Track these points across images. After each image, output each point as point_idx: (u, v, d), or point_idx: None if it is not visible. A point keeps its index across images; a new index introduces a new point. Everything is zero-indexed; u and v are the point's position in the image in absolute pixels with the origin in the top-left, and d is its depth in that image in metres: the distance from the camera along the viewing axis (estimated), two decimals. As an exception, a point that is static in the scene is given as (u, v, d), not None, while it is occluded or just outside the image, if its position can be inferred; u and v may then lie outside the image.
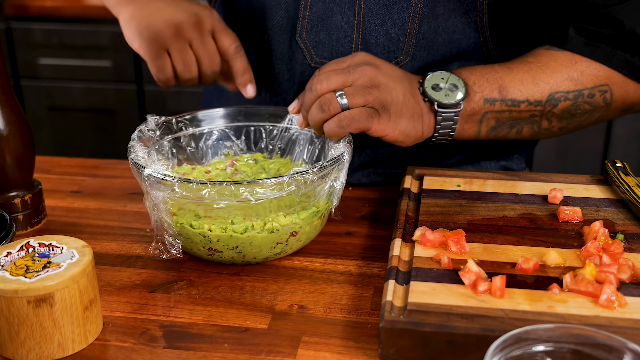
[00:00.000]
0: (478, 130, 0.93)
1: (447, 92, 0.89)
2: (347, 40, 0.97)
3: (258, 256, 0.81)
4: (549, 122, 0.95)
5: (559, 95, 0.92)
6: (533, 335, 0.56)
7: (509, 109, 0.92)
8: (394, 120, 0.86)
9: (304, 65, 1.00)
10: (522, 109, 0.92)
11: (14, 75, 2.38)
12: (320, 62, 0.99)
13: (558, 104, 0.93)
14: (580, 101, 0.93)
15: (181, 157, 0.94)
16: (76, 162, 1.11)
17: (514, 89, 0.91)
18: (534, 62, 0.93)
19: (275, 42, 1.01)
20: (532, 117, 0.93)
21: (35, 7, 2.27)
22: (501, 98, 0.91)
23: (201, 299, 0.77)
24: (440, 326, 0.64)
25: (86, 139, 2.44)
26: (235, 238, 0.79)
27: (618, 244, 0.76)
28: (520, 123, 0.94)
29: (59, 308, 0.66)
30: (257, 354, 0.68)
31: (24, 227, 0.91)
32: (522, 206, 0.87)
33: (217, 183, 0.75)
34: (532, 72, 0.92)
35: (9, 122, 0.87)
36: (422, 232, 0.79)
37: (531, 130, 0.95)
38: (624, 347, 0.55)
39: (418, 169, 0.96)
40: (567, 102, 0.93)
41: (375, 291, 0.78)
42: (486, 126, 0.93)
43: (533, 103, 0.92)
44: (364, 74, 0.85)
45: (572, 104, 0.93)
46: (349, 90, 0.84)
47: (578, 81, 0.92)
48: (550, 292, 0.69)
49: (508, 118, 0.93)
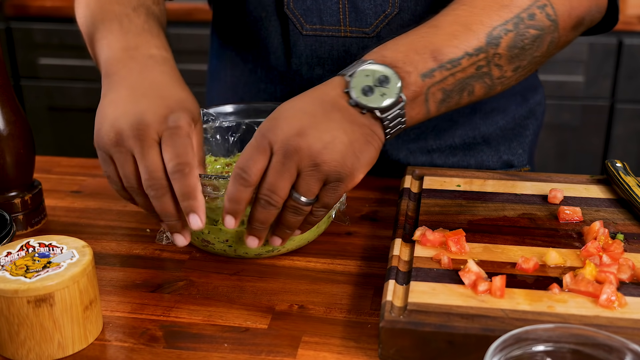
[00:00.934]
0: (427, 109, 0.80)
1: (380, 90, 0.75)
2: (334, 1, 0.98)
3: (249, 251, 0.82)
4: (499, 68, 0.82)
5: (497, 32, 0.80)
6: (533, 335, 0.56)
7: (451, 72, 0.79)
8: (356, 169, 0.74)
9: (295, 35, 1.02)
10: (465, 66, 0.79)
11: (14, 75, 2.38)
12: (312, 29, 1.00)
13: (500, 42, 0.80)
14: (522, 28, 0.81)
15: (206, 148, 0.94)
16: (76, 162, 1.11)
17: (448, 47, 0.78)
18: (459, 7, 0.82)
19: (264, 18, 1.03)
20: (479, 69, 0.81)
21: (35, 7, 2.27)
22: (438, 65, 0.78)
23: (201, 299, 0.77)
24: (440, 326, 0.64)
25: (86, 139, 2.42)
26: (224, 231, 0.80)
27: (618, 244, 0.76)
28: (469, 82, 0.81)
29: (59, 308, 0.66)
30: (257, 354, 0.68)
31: (24, 227, 0.91)
32: (522, 206, 0.87)
33: (204, 177, 0.75)
34: (460, 19, 0.80)
35: (9, 122, 0.87)
36: (422, 232, 0.79)
37: (484, 86, 0.83)
38: (624, 347, 0.55)
39: (418, 168, 0.96)
40: (510, 34, 0.81)
41: (375, 291, 0.78)
42: (434, 102, 0.80)
43: (474, 53, 0.79)
44: (302, 157, 0.71)
45: (515, 34, 0.81)
46: (300, 187, 0.73)
47: (512, 5, 0.81)
48: (550, 292, 0.69)
49: (453, 83, 0.79)
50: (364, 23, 0.99)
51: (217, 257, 0.84)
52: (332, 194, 0.74)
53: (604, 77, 2.17)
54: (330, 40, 1.01)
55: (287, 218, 0.74)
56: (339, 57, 1.02)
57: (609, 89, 2.18)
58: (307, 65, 1.04)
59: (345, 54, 1.01)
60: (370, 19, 0.99)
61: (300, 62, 1.04)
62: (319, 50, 1.02)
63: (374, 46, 0.86)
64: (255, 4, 1.03)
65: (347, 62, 1.00)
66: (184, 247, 0.86)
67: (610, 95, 2.20)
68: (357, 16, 0.99)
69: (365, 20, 0.99)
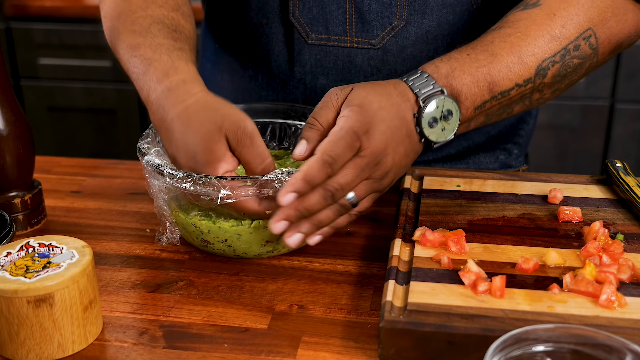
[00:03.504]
0: (467, 128, 0.88)
1: (442, 124, 0.81)
2: (341, 12, 0.98)
3: (249, 252, 0.82)
4: (540, 93, 0.88)
5: (546, 64, 0.85)
6: (533, 335, 0.56)
7: (499, 101, 0.85)
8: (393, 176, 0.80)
9: (300, 44, 1.01)
10: (513, 95, 0.86)
11: (14, 75, 2.38)
12: (317, 38, 1.00)
13: (547, 73, 0.86)
14: (567, 59, 0.86)
15: None
16: (76, 162, 1.11)
17: (503, 80, 0.84)
18: (514, 33, 0.85)
19: (269, 25, 1.02)
20: (523, 96, 0.87)
21: (35, 7, 2.27)
22: (491, 97, 0.84)
23: (201, 299, 0.77)
24: (440, 326, 0.64)
25: (86, 139, 2.44)
26: (223, 230, 0.79)
27: (618, 244, 0.76)
28: (511, 106, 0.88)
29: (59, 308, 0.66)
30: (257, 354, 0.68)
31: (24, 227, 0.91)
32: (522, 206, 0.87)
33: (203, 177, 0.75)
34: (515, 48, 0.84)
35: (9, 122, 0.87)
36: (422, 232, 0.79)
37: (522, 106, 0.89)
38: (624, 348, 0.55)
39: (418, 168, 0.96)
40: (556, 65, 0.86)
41: (375, 291, 0.78)
42: (475, 124, 0.88)
43: (522, 84, 0.85)
44: (377, 170, 0.77)
45: (560, 65, 0.86)
46: (359, 189, 0.77)
47: (562, 37, 0.85)
48: (550, 292, 0.69)
49: (498, 109, 0.87)
50: (370, 34, 0.98)
51: (217, 257, 0.84)
52: (369, 202, 0.79)
53: (604, 77, 2.17)
54: (336, 50, 1.00)
55: (329, 215, 0.76)
56: (344, 67, 1.01)
57: (609, 89, 2.18)
58: (311, 74, 1.03)
59: (350, 64, 1.01)
60: (377, 31, 0.98)
61: (305, 71, 1.03)
62: (324, 60, 1.01)
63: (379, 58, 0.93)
64: (256, 10, 1.02)
65: (352, 72, 1.01)
66: (184, 247, 0.86)
67: (610, 95, 2.20)
68: (364, 27, 0.98)
69: (372, 32, 0.98)
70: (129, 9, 0.92)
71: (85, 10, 2.24)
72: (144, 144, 0.84)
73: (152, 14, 0.90)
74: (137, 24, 0.89)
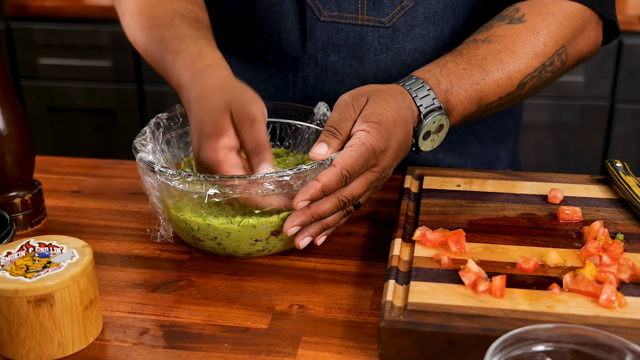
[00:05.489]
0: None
1: (433, 137, 0.88)
2: None
3: (238, 250, 0.82)
4: (513, 101, 0.95)
5: (527, 79, 0.92)
6: (533, 335, 0.56)
7: (481, 111, 0.93)
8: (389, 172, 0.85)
9: (312, 21, 1.02)
10: (494, 106, 0.93)
11: (14, 75, 2.38)
12: (329, 16, 1.01)
13: (525, 86, 0.93)
14: (543, 73, 0.94)
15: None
16: (76, 162, 1.11)
17: (491, 95, 0.91)
18: (503, 50, 0.91)
19: (280, 3, 1.03)
20: (500, 105, 0.94)
21: (35, 7, 2.27)
22: (477, 109, 0.91)
23: (201, 299, 0.77)
24: (440, 326, 0.64)
25: (86, 139, 2.44)
26: (213, 228, 0.80)
27: (618, 244, 0.76)
28: (487, 113, 0.95)
29: (59, 308, 0.66)
30: (257, 354, 0.68)
31: (24, 227, 0.91)
32: (522, 206, 0.87)
33: (191, 175, 0.76)
34: (504, 66, 0.90)
35: (9, 122, 0.87)
36: (422, 232, 0.79)
37: (497, 110, 0.96)
38: (624, 347, 0.55)
39: (418, 168, 0.96)
40: (533, 80, 0.93)
41: (375, 291, 0.78)
42: (456, 127, 0.95)
43: (504, 97, 0.92)
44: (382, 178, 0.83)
45: (537, 80, 0.94)
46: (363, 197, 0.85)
47: (542, 55, 0.92)
48: (550, 292, 0.69)
49: (478, 115, 0.93)
50: (381, 13, 1.01)
51: (217, 257, 0.84)
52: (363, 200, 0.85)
53: (604, 77, 2.17)
54: (347, 28, 1.02)
55: (336, 219, 0.81)
56: (355, 44, 1.03)
57: (609, 89, 2.19)
58: (322, 51, 1.04)
59: (360, 42, 1.02)
60: (388, 9, 1.00)
61: (316, 48, 1.04)
62: (335, 37, 1.03)
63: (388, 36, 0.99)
64: None
65: (363, 49, 1.03)
66: (184, 247, 0.86)
67: (610, 95, 2.20)
68: (375, 5, 1.00)
69: (383, 10, 1.00)
70: (149, 4, 0.97)
71: (85, 10, 2.24)
72: (139, 141, 0.85)
73: (173, 9, 0.96)
74: (159, 18, 0.95)
